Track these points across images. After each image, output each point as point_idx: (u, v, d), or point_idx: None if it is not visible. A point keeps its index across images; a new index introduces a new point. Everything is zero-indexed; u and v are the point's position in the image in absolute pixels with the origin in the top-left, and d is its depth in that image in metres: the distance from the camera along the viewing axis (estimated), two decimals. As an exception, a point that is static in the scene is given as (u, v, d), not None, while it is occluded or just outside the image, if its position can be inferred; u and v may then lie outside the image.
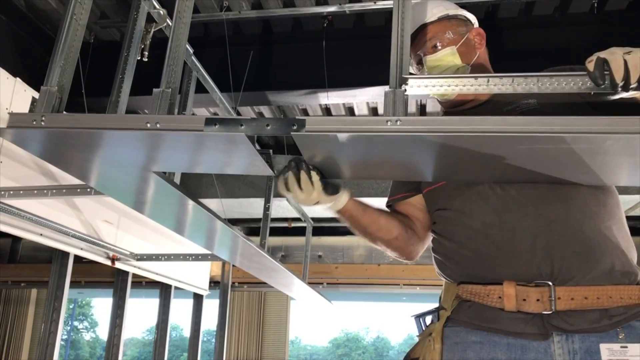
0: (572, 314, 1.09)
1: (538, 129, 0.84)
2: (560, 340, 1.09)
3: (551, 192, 1.15)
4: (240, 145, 0.97)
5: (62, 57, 1.06)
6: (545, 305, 1.09)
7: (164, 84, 1.06)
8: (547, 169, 1.05)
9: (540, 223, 1.13)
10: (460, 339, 1.17)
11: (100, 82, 2.46)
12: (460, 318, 1.18)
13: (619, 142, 0.85)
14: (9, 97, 2.32)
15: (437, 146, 0.94)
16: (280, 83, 3.19)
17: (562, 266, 1.10)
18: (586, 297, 1.09)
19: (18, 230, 2.55)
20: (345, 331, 29.55)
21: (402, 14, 0.98)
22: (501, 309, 1.12)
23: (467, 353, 1.14)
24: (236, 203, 4.47)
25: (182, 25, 1.12)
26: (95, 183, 1.42)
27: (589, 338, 1.08)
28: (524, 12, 3.05)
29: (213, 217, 1.65)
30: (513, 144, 0.90)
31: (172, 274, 4.33)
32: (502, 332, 1.12)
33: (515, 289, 1.11)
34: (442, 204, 1.29)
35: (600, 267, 1.11)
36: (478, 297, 1.16)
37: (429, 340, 1.19)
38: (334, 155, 1.05)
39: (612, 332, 1.07)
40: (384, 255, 6.15)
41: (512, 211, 1.16)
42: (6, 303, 6.01)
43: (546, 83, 0.91)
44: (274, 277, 3.23)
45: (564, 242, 1.12)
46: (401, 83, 0.93)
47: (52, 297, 3.14)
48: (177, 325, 23.77)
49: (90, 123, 0.96)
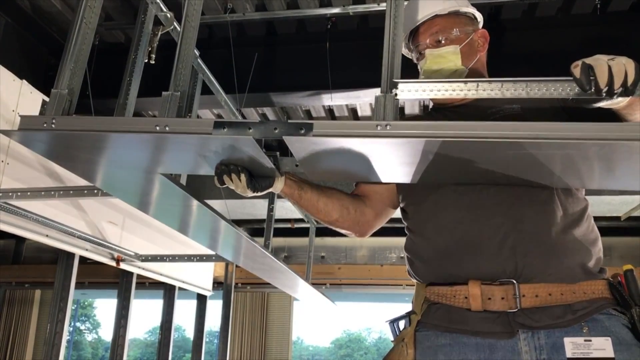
0: (536, 310, 1.10)
1: (526, 134, 0.85)
2: (527, 337, 1.10)
3: (525, 195, 1.17)
4: (248, 148, 0.99)
5: (72, 60, 1.07)
6: (510, 303, 1.11)
7: (172, 87, 1.07)
8: (529, 173, 1.07)
9: (509, 222, 1.15)
10: (431, 343, 1.18)
11: (104, 84, 2.48)
12: (430, 321, 1.20)
13: (604, 148, 0.86)
14: (16, 99, 2.34)
15: (423, 151, 0.95)
16: (284, 84, 3.21)
17: (526, 264, 1.12)
18: (550, 293, 1.11)
19: (24, 231, 2.56)
20: (347, 332, 29.53)
21: (394, 18, 0.99)
22: (468, 309, 1.14)
23: (437, 356, 1.16)
24: (239, 204, 4.48)
25: (190, 29, 1.13)
26: (102, 184, 1.43)
27: (554, 333, 1.08)
28: (527, 13, 3.05)
29: (218, 218, 1.66)
30: (504, 149, 0.91)
31: (176, 274, 4.35)
32: (469, 332, 1.13)
33: (480, 288, 1.13)
34: (418, 197, 1.30)
35: (563, 266, 1.12)
36: (445, 299, 1.18)
37: (402, 346, 1.21)
38: (321, 159, 1.05)
39: (577, 326, 1.08)
40: (387, 256, 6.15)
41: (484, 208, 1.18)
42: (10, 304, 6.03)
43: (535, 88, 0.92)
44: (278, 278, 3.24)
45: (529, 242, 1.14)
46: (392, 87, 0.94)
47: (58, 298, 3.15)
48: (180, 326, 23.78)
49: (101, 126, 0.97)
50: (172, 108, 1.04)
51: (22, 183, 2.35)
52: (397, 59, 0.96)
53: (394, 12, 0.99)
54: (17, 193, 2.17)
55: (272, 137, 0.94)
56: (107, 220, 3.27)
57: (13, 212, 2.31)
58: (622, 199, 3.91)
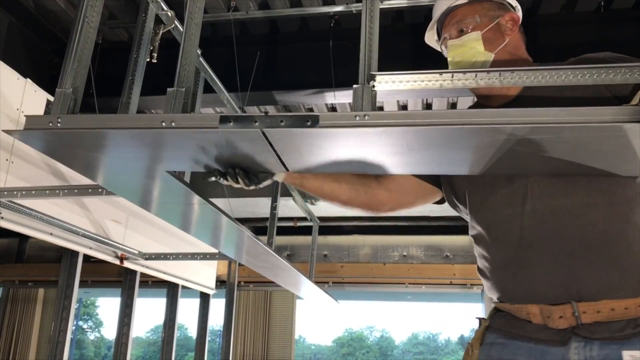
0: (597, 325, 1.08)
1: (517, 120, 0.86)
2: (578, 346, 1.08)
3: (568, 221, 1.12)
4: (254, 142, 0.99)
5: (75, 59, 1.07)
6: (570, 321, 1.10)
7: (177, 83, 1.07)
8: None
9: (558, 257, 1.12)
10: (491, 341, 1.22)
11: (108, 83, 2.49)
12: (496, 326, 1.24)
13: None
14: (20, 98, 2.34)
15: (407, 140, 0.96)
16: (287, 83, 3.21)
17: (581, 290, 1.10)
18: (613, 308, 1.07)
19: (29, 230, 2.57)
20: (349, 330, 29.57)
21: (370, 12, 1.02)
22: (529, 321, 1.16)
23: (491, 352, 1.20)
24: (242, 202, 4.49)
25: (193, 26, 1.14)
26: (106, 182, 1.43)
27: (609, 345, 1.06)
28: (531, 11, 3.05)
29: (221, 215, 1.66)
30: (479, 135, 0.91)
31: (179, 273, 4.36)
32: (526, 337, 1.15)
33: (540, 308, 1.14)
34: (473, 211, 1.29)
35: (623, 283, 1.08)
36: (510, 311, 1.21)
37: (469, 346, 1.26)
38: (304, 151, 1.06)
39: (635, 340, 1.05)
40: (390, 254, 6.14)
41: (531, 247, 1.15)
42: (13, 302, 6.04)
43: (508, 77, 0.92)
44: (282, 276, 3.25)
45: (581, 270, 1.10)
46: (369, 79, 0.97)
47: (62, 296, 3.16)
48: (182, 325, 23.82)
49: (106, 123, 0.98)
50: (178, 104, 1.04)
51: (26, 182, 2.36)
52: (374, 52, 0.99)
53: (370, 6, 1.03)
54: (22, 192, 2.18)
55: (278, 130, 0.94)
56: (111, 219, 3.28)
57: (18, 210, 2.31)
58: None
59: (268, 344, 5.63)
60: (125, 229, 3.44)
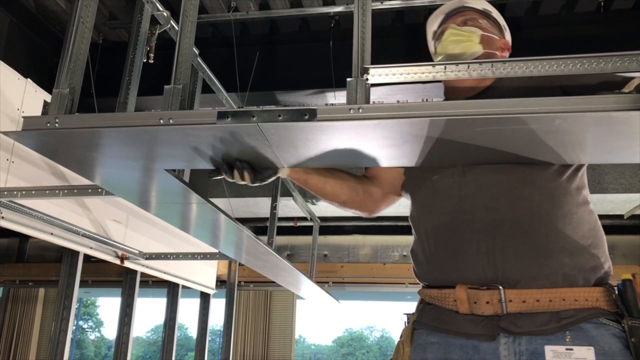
0: (521, 316, 1.09)
1: (490, 111, 0.87)
2: (507, 342, 1.09)
3: (503, 193, 1.16)
4: (252, 137, 0.99)
5: (71, 59, 1.07)
6: (496, 307, 1.10)
7: (174, 80, 1.07)
8: (507, 148, 1.07)
9: (488, 227, 1.14)
10: (422, 341, 1.21)
11: (109, 83, 2.48)
12: (423, 321, 1.23)
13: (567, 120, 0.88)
14: (20, 98, 2.35)
15: (400, 132, 0.97)
16: (287, 83, 3.21)
17: (506, 269, 1.11)
18: (538, 299, 1.09)
19: (29, 230, 2.57)
20: (349, 330, 29.58)
21: (362, 6, 1.03)
22: (456, 311, 1.15)
23: (426, 354, 1.18)
24: (242, 202, 4.49)
25: (188, 23, 1.14)
26: (104, 183, 1.43)
27: (535, 340, 1.07)
28: (530, 11, 3.05)
29: (220, 214, 1.66)
30: (466, 127, 0.92)
31: (179, 273, 4.36)
32: (456, 333, 1.15)
33: (467, 292, 1.13)
34: (413, 196, 1.33)
35: (548, 269, 1.10)
36: (437, 301, 1.20)
37: (400, 344, 1.25)
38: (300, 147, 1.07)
39: (560, 334, 1.06)
40: (390, 254, 6.14)
41: (465, 212, 1.17)
42: (14, 302, 6.05)
43: (500, 68, 0.93)
44: (282, 276, 3.25)
45: (509, 245, 1.12)
46: (363, 73, 0.97)
47: (63, 296, 3.16)
48: (182, 325, 23.83)
49: (104, 122, 0.98)
50: (175, 101, 1.04)
51: (27, 182, 2.37)
52: (367, 46, 0.99)
53: (362, 0, 1.03)
54: (22, 192, 2.18)
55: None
56: (111, 219, 3.28)
57: (18, 210, 2.32)
58: (626, 197, 3.90)
59: (268, 343, 5.64)
60: (125, 228, 3.44)
